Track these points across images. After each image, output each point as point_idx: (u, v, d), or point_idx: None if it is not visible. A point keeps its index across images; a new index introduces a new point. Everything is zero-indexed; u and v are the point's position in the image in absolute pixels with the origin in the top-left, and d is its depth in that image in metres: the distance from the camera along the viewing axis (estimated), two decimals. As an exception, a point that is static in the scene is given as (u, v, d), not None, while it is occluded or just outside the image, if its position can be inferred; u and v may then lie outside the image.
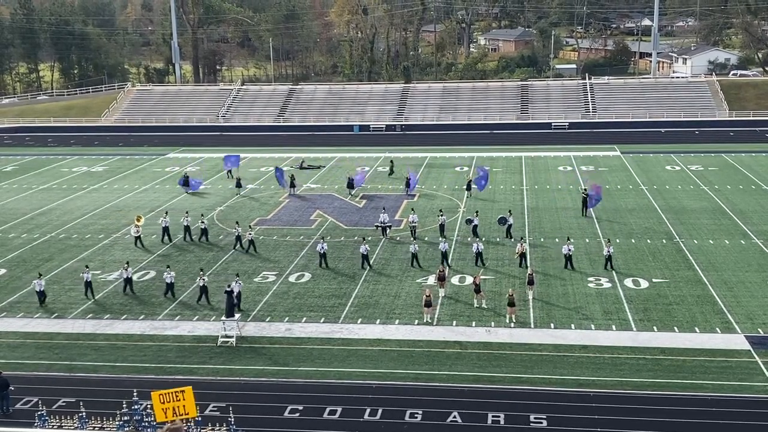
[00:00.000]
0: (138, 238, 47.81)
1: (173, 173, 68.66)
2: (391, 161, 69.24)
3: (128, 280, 39.74)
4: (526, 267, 40.81)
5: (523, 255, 41.81)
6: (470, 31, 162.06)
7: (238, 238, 46.88)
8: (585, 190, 53.90)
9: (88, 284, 39.26)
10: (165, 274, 39.37)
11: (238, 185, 61.39)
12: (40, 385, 29.95)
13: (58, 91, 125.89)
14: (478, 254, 42.45)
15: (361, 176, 63.19)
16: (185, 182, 61.80)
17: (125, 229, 51.61)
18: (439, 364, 30.83)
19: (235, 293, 36.43)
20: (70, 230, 52.09)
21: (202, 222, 49.04)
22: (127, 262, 41.20)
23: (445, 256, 42.55)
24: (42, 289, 38.44)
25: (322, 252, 43.12)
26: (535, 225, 50.18)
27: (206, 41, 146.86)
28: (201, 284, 38.15)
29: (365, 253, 42.85)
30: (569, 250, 41.58)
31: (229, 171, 66.39)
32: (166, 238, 48.62)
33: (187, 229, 48.87)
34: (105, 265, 44.23)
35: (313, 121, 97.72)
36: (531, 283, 37.48)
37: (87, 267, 40.59)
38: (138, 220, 48.84)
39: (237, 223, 49.27)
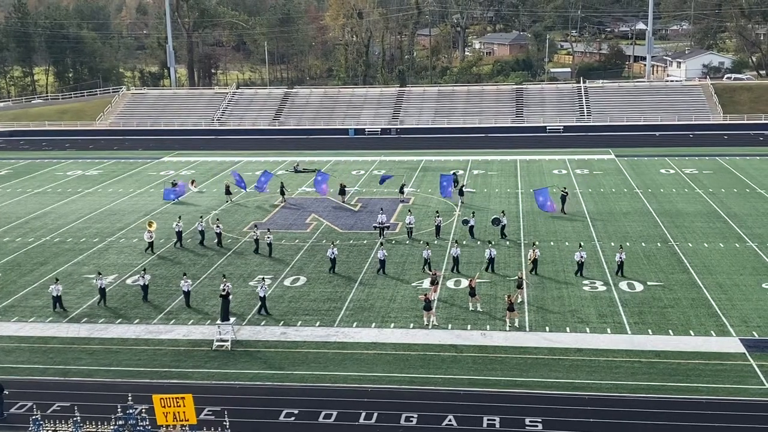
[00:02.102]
0: (151, 243, 47.34)
1: (168, 177, 68.48)
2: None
3: (146, 288, 39.25)
4: (536, 273, 40.99)
5: (535, 261, 41.63)
6: (465, 35, 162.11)
7: (257, 242, 46.74)
8: (563, 189, 55.50)
9: (102, 291, 38.77)
10: (182, 282, 38.51)
11: (228, 192, 60.67)
12: (34, 389, 29.88)
13: (53, 94, 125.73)
14: (491, 260, 41.98)
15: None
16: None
17: (120, 233, 51.56)
18: (435, 368, 30.85)
19: (261, 296, 36.59)
20: (65, 234, 51.98)
21: (217, 226, 48.71)
22: (144, 269, 41.02)
23: (456, 261, 42.40)
24: (59, 294, 38.14)
25: (332, 257, 42.70)
26: (530, 228, 50.24)
27: (201, 45, 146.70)
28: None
29: (383, 258, 42.41)
30: (582, 257, 41.20)
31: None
32: (179, 243, 48.30)
33: (202, 233, 48.65)
34: (100, 268, 44.02)
35: (308, 124, 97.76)
36: (519, 287, 37.52)
37: (99, 273, 40.04)
38: (150, 226, 48.38)
39: (256, 226, 49.22)
